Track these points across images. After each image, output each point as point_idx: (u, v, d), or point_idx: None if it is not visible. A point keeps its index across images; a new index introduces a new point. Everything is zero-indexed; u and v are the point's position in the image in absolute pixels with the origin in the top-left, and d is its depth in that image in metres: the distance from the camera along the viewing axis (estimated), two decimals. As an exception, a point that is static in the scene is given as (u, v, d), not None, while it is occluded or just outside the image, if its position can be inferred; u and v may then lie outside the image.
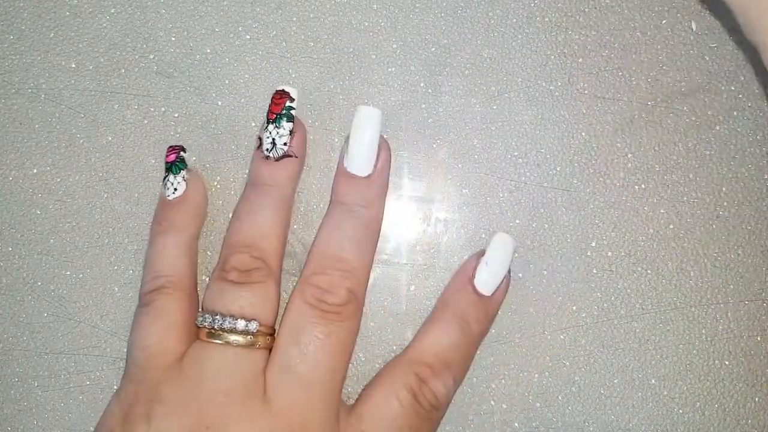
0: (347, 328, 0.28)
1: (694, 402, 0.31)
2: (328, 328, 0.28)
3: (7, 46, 0.33)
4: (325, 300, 0.28)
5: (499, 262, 0.29)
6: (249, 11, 0.32)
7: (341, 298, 0.28)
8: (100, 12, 0.33)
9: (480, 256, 0.30)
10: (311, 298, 0.28)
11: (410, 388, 0.28)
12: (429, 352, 0.28)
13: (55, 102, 0.32)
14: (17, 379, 0.32)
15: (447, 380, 0.28)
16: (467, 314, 0.29)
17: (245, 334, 0.27)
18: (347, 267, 0.28)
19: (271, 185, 0.30)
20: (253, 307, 0.28)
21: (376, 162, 0.29)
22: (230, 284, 0.28)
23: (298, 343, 0.27)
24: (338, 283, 0.28)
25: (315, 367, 0.27)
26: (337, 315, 0.28)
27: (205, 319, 0.28)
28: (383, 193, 0.30)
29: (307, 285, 0.28)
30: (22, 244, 0.32)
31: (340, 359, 0.28)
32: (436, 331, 0.29)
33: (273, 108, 0.30)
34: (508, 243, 0.30)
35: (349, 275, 0.28)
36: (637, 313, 0.31)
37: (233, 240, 0.29)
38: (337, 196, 0.30)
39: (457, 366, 0.29)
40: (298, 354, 0.27)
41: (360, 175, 0.29)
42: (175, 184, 0.30)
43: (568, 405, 0.31)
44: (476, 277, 0.29)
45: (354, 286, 0.28)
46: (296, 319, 0.28)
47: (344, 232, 0.29)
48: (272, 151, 0.29)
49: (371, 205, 0.30)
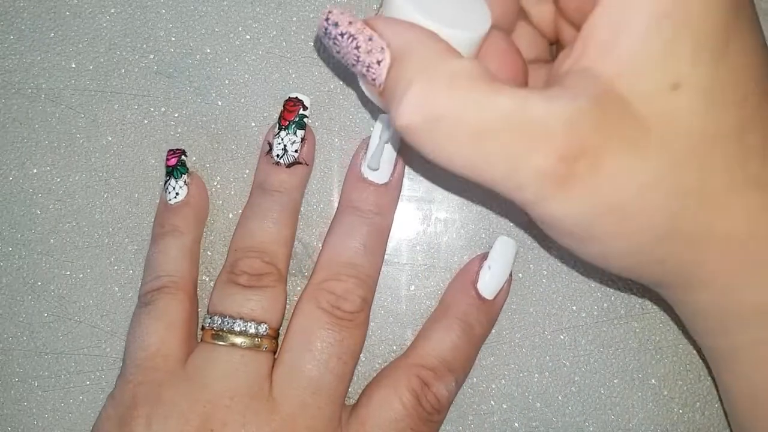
0: (358, 335, 0.28)
1: (694, 402, 0.31)
2: (340, 334, 0.28)
3: (7, 46, 0.33)
4: (340, 306, 0.28)
5: (501, 266, 0.30)
6: (249, 11, 0.32)
7: (356, 305, 0.28)
8: (100, 12, 0.33)
9: (482, 260, 0.30)
10: (325, 304, 0.28)
11: (413, 391, 0.28)
12: (431, 354, 0.28)
13: (55, 102, 0.32)
14: (17, 379, 0.32)
15: (449, 383, 0.28)
16: (469, 317, 0.29)
17: (254, 337, 0.27)
18: (361, 274, 0.29)
19: (281, 191, 0.30)
20: (264, 310, 0.28)
21: (393, 170, 0.29)
22: (240, 287, 0.28)
23: (310, 347, 0.27)
24: (352, 290, 0.28)
25: (327, 372, 0.27)
26: (350, 322, 0.28)
27: (214, 320, 0.28)
28: (396, 201, 0.31)
29: (321, 290, 0.28)
30: (22, 244, 0.32)
31: (350, 365, 0.28)
32: (439, 333, 0.29)
33: (286, 115, 0.30)
34: (511, 247, 0.30)
35: (362, 283, 0.29)
36: (637, 313, 0.31)
37: (243, 244, 0.29)
38: (350, 201, 0.30)
39: (459, 368, 0.29)
40: (310, 358, 0.27)
41: (379, 182, 0.29)
42: (176, 188, 0.30)
43: (568, 405, 0.31)
44: (479, 281, 0.29)
45: (367, 294, 0.29)
46: (308, 323, 0.28)
47: (358, 239, 0.29)
48: (283, 158, 0.29)
49: (385, 213, 0.30)
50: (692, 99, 0.20)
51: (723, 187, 0.21)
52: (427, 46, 0.21)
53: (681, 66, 0.20)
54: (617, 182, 0.20)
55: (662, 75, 0.20)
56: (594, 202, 0.20)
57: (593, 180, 0.20)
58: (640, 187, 0.20)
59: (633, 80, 0.20)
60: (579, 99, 0.20)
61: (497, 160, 0.20)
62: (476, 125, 0.20)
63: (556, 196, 0.20)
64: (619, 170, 0.20)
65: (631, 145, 0.20)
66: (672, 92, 0.20)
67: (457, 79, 0.20)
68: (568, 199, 0.20)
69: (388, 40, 0.21)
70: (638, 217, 0.21)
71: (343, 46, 0.22)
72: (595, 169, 0.20)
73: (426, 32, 0.21)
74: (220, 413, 0.26)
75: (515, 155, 0.20)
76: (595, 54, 0.20)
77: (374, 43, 0.21)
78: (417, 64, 0.20)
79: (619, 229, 0.21)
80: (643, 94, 0.20)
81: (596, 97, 0.20)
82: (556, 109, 0.20)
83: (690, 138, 0.20)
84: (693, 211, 0.21)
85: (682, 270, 0.23)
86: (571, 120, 0.19)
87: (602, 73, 0.20)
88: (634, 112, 0.20)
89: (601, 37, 0.20)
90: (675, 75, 0.20)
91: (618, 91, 0.20)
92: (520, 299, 0.31)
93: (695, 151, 0.20)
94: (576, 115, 0.20)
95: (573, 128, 0.19)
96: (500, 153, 0.20)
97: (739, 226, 0.21)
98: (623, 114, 0.20)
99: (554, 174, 0.20)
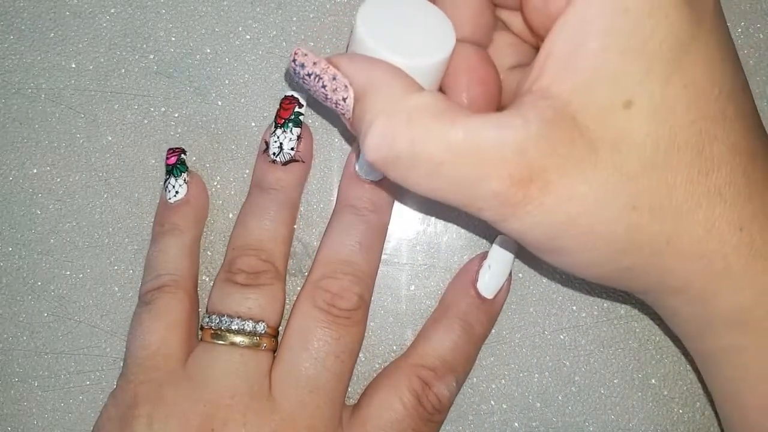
0: (355, 333, 0.28)
1: (694, 402, 0.31)
2: (338, 332, 0.28)
3: (7, 46, 0.33)
4: (336, 305, 0.28)
5: (501, 266, 0.30)
6: (249, 11, 0.32)
7: (352, 303, 0.28)
8: (100, 12, 0.33)
9: (482, 259, 0.30)
10: (322, 302, 0.28)
11: (414, 391, 0.28)
12: (432, 355, 0.28)
13: (55, 102, 0.32)
14: (17, 379, 0.32)
15: (450, 383, 0.28)
16: (470, 317, 0.29)
17: (252, 336, 0.27)
18: (357, 272, 0.29)
19: (278, 189, 0.30)
20: (262, 309, 0.28)
21: None
22: (238, 286, 0.28)
23: (307, 346, 0.27)
24: (349, 288, 0.28)
25: (324, 371, 0.27)
26: (347, 320, 0.28)
27: (212, 320, 0.28)
28: (393, 198, 0.31)
29: (318, 289, 0.28)
30: (22, 244, 0.32)
31: (348, 363, 0.28)
32: (439, 333, 0.29)
33: (282, 113, 0.30)
34: (511, 246, 0.30)
35: (359, 280, 0.29)
36: (637, 313, 0.31)
37: (240, 242, 0.29)
38: (347, 199, 0.30)
39: (459, 368, 0.29)
40: (307, 357, 0.27)
41: (372, 179, 0.29)
42: (176, 187, 0.30)
43: (568, 405, 0.31)
44: (479, 281, 0.29)
45: (364, 291, 0.29)
46: (305, 322, 0.28)
47: (354, 237, 0.29)
48: (279, 156, 0.30)
49: (381, 210, 0.30)
50: (644, 116, 0.21)
51: (683, 198, 0.21)
52: (388, 84, 0.22)
53: (633, 84, 0.21)
54: (569, 201, 0.21)
55: (615, 93, 0.21)
56: (550, 220, 0.21)
57: (546, 200, 0.21)
58: (592, 203, 0.21)
59: (586, 98, 0.21)
60: (530, 124, 0.21)
61: (456, 188, 0.22)
62: (433, 158, 0.21)
63: (515, 215, 0.21)
64: (569, 190, 0.21)
65: (581, 165, 0.21)
66: (624, 110, 0.21)
67: (415, 115, 0.21)
68: (526, 219, 0.21)
69: (351, 78, 0.23)
70: (595, 232, 0.22)
71: (311, 85, 0.23)
72: (546, 191, 0.21)
73: (388, 68, 0.23)
74: (221, 413, 0.26)
75: (471, 182, 0.21)
76: (552, 72, 0.21)
77: (338, 81, 0.23)
78: (378, 102, 0.22)
79: (580, 242, 0.22)
80: (595, 112, 0.21)
81: (548, 121, 0.21)
82: (507, 136, 0.21)
83: (643, 153, 0.21)
84: (651, 223, 0.22)
85: (651, 277, 0.23)
86: (522, 146, 0.20)
87: (558, 93, 0.21)
88: (585, 131, 0.21)
89: (559, 55, 0.21)
90: (627, 93, 0.21)
91: (570, 110, 0.21)
92: (520, 299, 0.31)
93: (650, 165, 0.21)
94: (526, 141, 0.20)
95: (522, 154, 0.20)
96: (458, 181, 0.21)
97: (703, 237, 0.22)
98: (573, 134, 0.21)
99: (509, 198, 0.21)
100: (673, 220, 0.22)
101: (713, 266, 0.22)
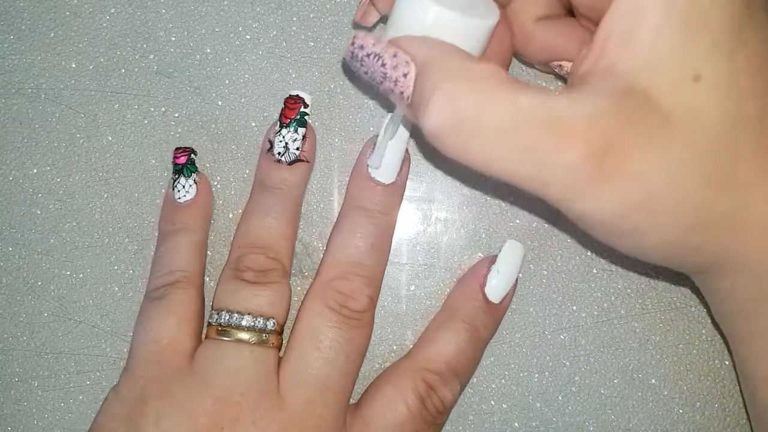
0: (365, 335, 0.28)
1: (694, 402, 0.31)
2: (348, 333, 0.28)
3: (7, 46, 0.33)
4: (347, 306, 0.28)
5: (510, 270, 0.30)
6: (249, 11, 0.32)
7: (363, 304, 0.28)
8: (100, 12, 0.33)
9: (491, 263, 0.30)
10: (333, 303, 0.28)
11: (418, 394, 0.28)
12: (438, 359, 0.28)
13: (55, 102, 0.32)
14: (17, 379, 0.32)
15: (454, 387, 0.28)
16: (476, 320, 0.29)
17: (262, 333, 0.27)
18: (368, 273, 0.29)
19: (282, 188, 0.30)
20: (272, 306, 0.28)
21: (399, 170, 0.30)
22: (246, 283, 0.28)
23: (319, 346, 0.27)
24: (360, 289, 0.28)
25: (333, 371, 0.27)
26: (358, 321, 0.28)
27: (221, 316, 0.28)
28: (401, 200, 0.31)
29: (329, 289, 0.28)
30: (22, 244, 0.32)
31: (357, 364, 0.28)
32: (445, 337, 0.29)
33: (287, 113, 0.30)
34: (519, 250, 0.30)
35: (369, 282, 0.29)
36: (637, 313, 0.31)
37: (246, 240, 0.29)
38: (356, 200, 0.30)
39: (464, 372, 0.29)
40: (318, 357, 0.27)
41: (385, 182, 0.29)
42: (186, 186, 0.30)
43: (568, 405, 0.31)
44: (487, 284, 0.29)
45: (373, 293, 0.29)
46: (317, 322, 0.28)
47: (366, 239, 0.29)
48: (284, 155, 0.30)
49: (390, 212, 0.30)
50: (713, 90, 0.20)
51: (751, 172, 0.21)
52: (449, 56, 0.22)
53: (700, 57, 0.20)
54: (645, 177, 0.20)
55: (684, 67, 0.20)
56: (624, 198, 0.20)
57: (622, 176, 0.20)
58: (667, 180, 0.20)
59: (654, 74, 0.20)
60: (600, 97, 0.20)
61: (523, 157, 0.20)
62: (500, 123, 0.20)
63: (586, 192, 0.20)
64: (646, 165, 0.20)
65: (656, 140, 0.20)
66: (694, 84, 0.20)
67: (480, 81, 0.21)
68: (598, 196, 0.20)
69: (412, 55, 0.22)
70: (668, 210, 0.21)
71: (369, 65, 0.23)
72: (623, 165, 0.20)
73: (446, 45, 0.22)
74: (231, 410, 0.26)
75: (541, 152, 0.20)
76: (614, 51, 0.21)
77: (399, 58, 0.22)
78: (441, 72, 0.21)
79: (651, 222, 0.21)
80: (665, 87, 0.20)
81: (618, 95, 0.20)
82: (579, 107, 0.20)
83: (713, 128, 0.21)
84: (722, 199, 0.21)
85: (717, 256, 0.23)
86: (595, 117, 0.20)
87: (623, 70, 0.20)
88: (657, 105, 0.20)
89: (619, 33, 0.21)
90: (696, 66, 0.20)
91: (639, 86, 0.20)
92: (520, 299, 0.31)
93: (719, 140, 0.21)
94: (599, 112, 0.20)
95: (597, 125, 0.20)
96: (526, 150, 0.20)
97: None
98: (646, 109, 0.20)
99: (583, 171, 0.20)
100: (742, 196, 0.21)
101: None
